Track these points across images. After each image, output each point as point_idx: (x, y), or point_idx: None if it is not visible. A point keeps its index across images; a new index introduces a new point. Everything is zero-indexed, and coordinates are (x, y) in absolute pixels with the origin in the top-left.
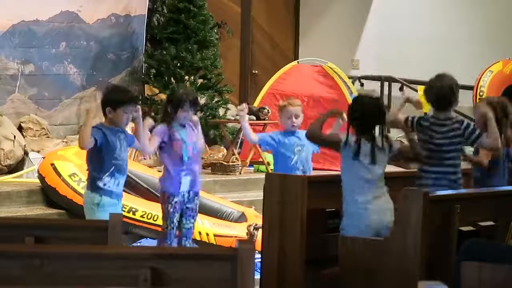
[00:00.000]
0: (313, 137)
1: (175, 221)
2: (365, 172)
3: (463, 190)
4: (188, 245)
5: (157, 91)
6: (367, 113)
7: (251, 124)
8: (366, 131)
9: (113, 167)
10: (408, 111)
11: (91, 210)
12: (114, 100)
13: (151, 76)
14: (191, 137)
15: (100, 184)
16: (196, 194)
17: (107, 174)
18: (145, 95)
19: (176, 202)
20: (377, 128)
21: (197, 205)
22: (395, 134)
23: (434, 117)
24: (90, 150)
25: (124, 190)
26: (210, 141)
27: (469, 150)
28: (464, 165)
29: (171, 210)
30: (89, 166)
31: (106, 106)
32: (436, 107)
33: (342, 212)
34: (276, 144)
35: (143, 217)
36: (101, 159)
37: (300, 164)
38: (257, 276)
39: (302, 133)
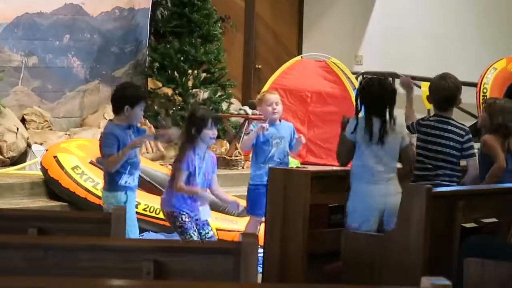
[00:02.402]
0: (342, 158)
1: (196, 231)
2: (374, 154)
3: (466, 187)
4: None
5: (160, 84)
6: (377, 93)
7: (254, 119)
8: (377, 112)
9: (129, 167)
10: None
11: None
12: (132, 97)
13: (155, 70)
14: (208, 169)
15: (122, 182)
16: None
17: (125, 174)
18: (148, 88)
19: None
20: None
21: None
22: None
23: (436, 115)
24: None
25: None
26: None
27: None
28: None
29: (187, 221)
30: (104, 169)
31: (124, 104)
32: (439, 106)
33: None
34: (256, 140)
35: (146, 211)
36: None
37: (277, 157)
38: (259, 270)
39: (283, 124)
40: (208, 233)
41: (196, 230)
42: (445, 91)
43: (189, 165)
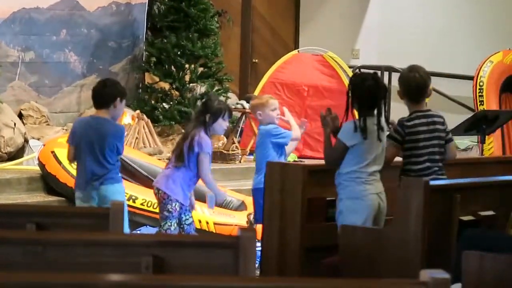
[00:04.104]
0: (334, 163)
1: (176, 222)
2: (369, 153)
3: (463, 180)
4: None
5: (157, 79)
6: (372, 88)
7: (251, 113)
8: (369, 110)
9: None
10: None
11: (122, 198)
12: (122, 92)
13: (152, 65)
14: None
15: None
16: None
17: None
18: (146, 83)
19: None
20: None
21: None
22: None
23: (415, 111)
24: (112, 151)
25: (124, 178)
26: None
27: (471, 140)
28: None
29: (177, 210)
30: (112, 163)
31: (116, 98)
32: (412, 99)
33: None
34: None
35: (143, 205)
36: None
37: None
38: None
39: None
40: (188, 219)
41: (177, 218)
42: (416, 82)
43: (210, 149)
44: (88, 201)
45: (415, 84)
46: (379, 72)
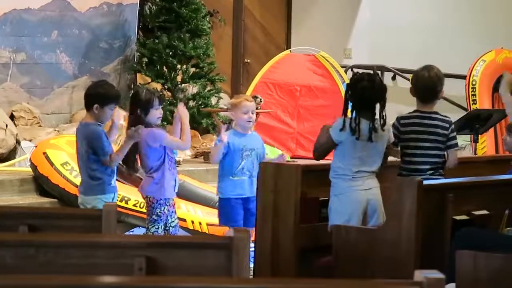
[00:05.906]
0: (319, 154)
1: (163, 225)
2: (359, 155)
3: (456, 179)
4: None
5: (149, 79)
6: (365, 88)
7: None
8: (365, 108)
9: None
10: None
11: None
12: (102, 96)
13: (143, 65)
14: None
15: (112, 183)
16: None
17: (110, 175)
18: (138, 84)
19: (166, 207)
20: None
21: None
22: None
23: (418, 110)
24: (88, 158)
25: (117, 179)
26: (203, 130)
27: (465, 140)
28: None
29: (165, 214)
30: (90, 173)
31: (94, 103)
32: (422, 99)
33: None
34: (228, 149)
35: (136, 206)
36: (101, 164)
37: (246, 169)
38: (251, 265)
39: (254, 135)
40: (173, 221)
41: (164, 222)
42: (425, 81)
43: (160, 138)
44: None
45: (422, 83)
46: (371, 72)
